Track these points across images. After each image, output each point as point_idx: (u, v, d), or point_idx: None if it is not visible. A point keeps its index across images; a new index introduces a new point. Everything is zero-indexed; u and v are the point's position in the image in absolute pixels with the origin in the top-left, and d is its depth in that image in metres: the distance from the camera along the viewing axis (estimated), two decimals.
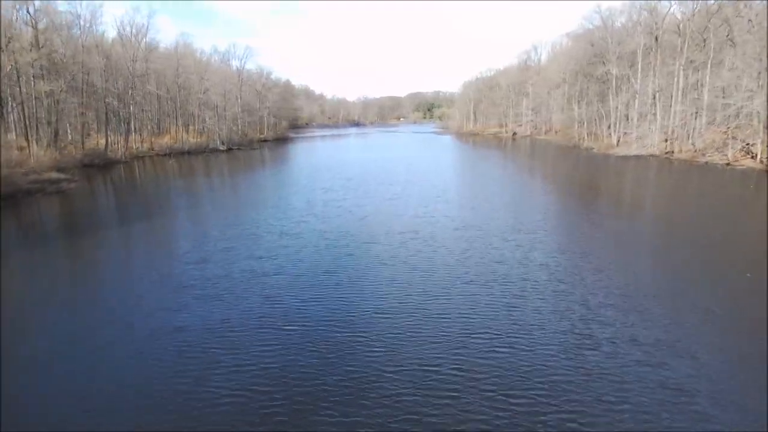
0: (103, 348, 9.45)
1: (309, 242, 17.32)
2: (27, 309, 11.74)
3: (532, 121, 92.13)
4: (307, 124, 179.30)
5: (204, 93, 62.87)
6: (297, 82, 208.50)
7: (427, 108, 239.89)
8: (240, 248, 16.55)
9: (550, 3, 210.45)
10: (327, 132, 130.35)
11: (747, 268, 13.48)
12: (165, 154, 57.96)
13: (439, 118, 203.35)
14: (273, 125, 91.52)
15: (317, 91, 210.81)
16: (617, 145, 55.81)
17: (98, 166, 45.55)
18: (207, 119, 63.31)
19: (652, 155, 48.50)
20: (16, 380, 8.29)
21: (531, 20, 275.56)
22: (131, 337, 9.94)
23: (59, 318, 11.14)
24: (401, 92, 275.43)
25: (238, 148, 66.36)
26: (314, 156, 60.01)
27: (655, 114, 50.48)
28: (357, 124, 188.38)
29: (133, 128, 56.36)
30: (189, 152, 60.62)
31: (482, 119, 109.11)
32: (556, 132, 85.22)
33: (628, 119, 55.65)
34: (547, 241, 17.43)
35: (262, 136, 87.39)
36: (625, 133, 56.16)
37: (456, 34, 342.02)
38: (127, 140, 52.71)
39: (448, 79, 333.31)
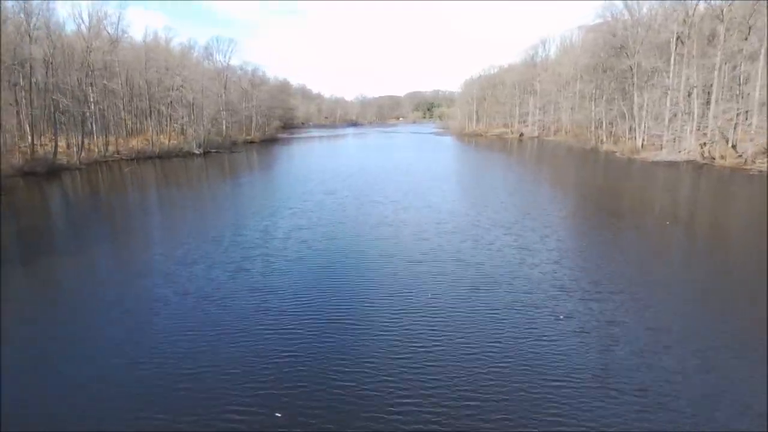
0: None
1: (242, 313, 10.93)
2: None
3: (540, 120, 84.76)
4: (303, 123, 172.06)
5: (176, 90, 55.49)
6: (295, 81, 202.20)
7: (427, 108, 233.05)
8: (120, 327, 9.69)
9: (551, 3, 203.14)
10: (322, 132, 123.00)
11: None
12: (131, 159, 50.74)
13: (439, 117, 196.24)
14: (262, 126, 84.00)
15: (315, 91, 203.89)
16: (642, 148, 48.54)
17: (40, 174, 38.25)
18: (181, 119, 55.91)
19: (688, 161, 41.18)
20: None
21: (531, 20, 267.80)
22: None
23: None
24: (400, 91, 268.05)
25: (217, 151, 59.07)
26: (298, 161, 52.73)
27: (690, 113, 43.17)
28: (355, 124, 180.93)
29: (93, 129, 49.09)
30: (160, 156, 53.35)
31: (485, 119, 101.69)
32: (566, 132, 77.95)
33: (656, 119, 48.34)
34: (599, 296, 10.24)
35: (249, 137, 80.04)
36: (653, 134, 48.88)
37: (455, 34, 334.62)
38: (82, 143, 45.36)
39: (447, 78, 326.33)
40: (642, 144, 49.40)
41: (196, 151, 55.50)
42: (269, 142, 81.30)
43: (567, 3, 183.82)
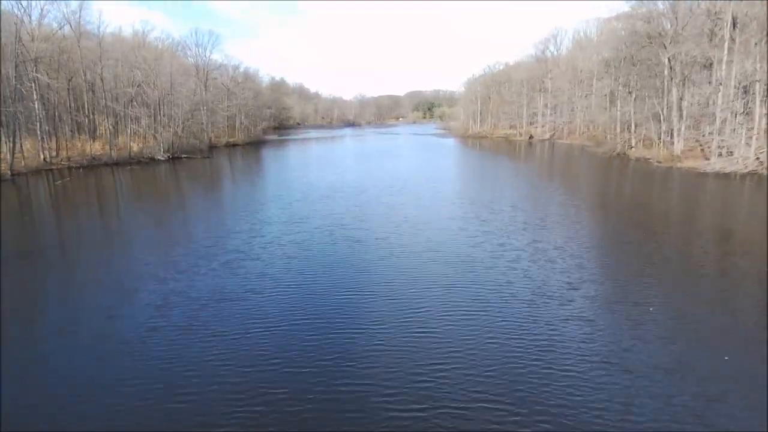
0: None
1: None
2: None
3: (552, 121, 76.56)
4: (299, 124, 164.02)
5: (137, 87, 47.37)
6: (292, 80, 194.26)
7: (427, 107, 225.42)
8: None
9: (551, 3, 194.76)
10: (317, 134, 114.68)
11: None
12: (81, 166, 42.74)
13: (440, 117, 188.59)
14: (247, 127, 75.81)
15: (313, 90, 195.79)
16: (683, 155, 40.42)
17: None
18: (145, 120, 47.80)
19: (748, 173, 33.08)
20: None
21: (532, 20, 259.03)
22: None
23: None
24: (400, 91, 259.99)
25: (188, 157, 51.00)
26: (274, 171, 44.69)
27: (748, 113, 35.07)
28: (352, 125, 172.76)
29: (41, 132, 41.11)
30: (117, 163, 45.32)
31: (490, 119, 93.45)
32: (580, 134, 69.79)
33: (699, 121, 40.22)
34: None
35: (232, 139, 71.96)
36: (696, 139, 40.77)
37: (456, 33, 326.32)
38: (13, 148, 37.34)
39: (448, 77, 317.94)
40: (682, 150, 41.32)
41: (160, 157, 47.41)
42: (254, 144, 73.17)
43: (568, 3, 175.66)
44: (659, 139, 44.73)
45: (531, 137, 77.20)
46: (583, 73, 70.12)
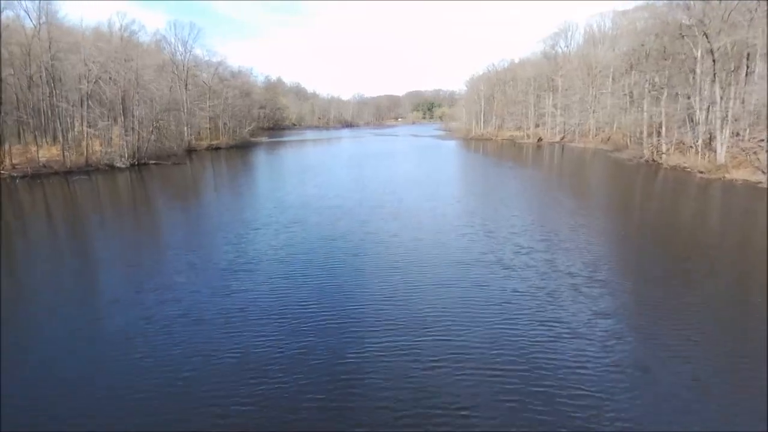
0: None
1: None
2: None
3: (562, 123, 70.03)
4: (294, 125, 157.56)
5: (93, 83, 40.79)
6: (288, 80, 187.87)
7: (427, 108, 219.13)
8: None
9: (553, 3, 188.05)
10: (312, 135, 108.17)
11: None
12: (25, 176, 36.22)
13: (440, 118, 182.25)
14: (231, 129, 69.23)
15: (310, 90, 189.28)
16: (729, 164, 33.98)
17: None
18: (102, 121, 41.21)
19: None
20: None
21: (533, 20, 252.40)
22: None
23: None
24: (399, 91, 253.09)
25: (156, 163, 44.54)
26: (250, 181, 38.28)
27: None
28: (350, 125, 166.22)
29: None
30: (70, 171, 38.79)
31: (495, 120, 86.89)
32: (594, 137, 63.37)
33: (744, 122, 33.81)
34: None
35: (215, 142, 65.43)
36: (742, 147, 34.33)
37: (456, 33, 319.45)
38: None
39: (448, 77, 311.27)
40: (726, 158, 34.89)
41: (120, 164, 40.89)
42: (240, 148, 66.61)
43: (570, 3, 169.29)
44: (695, 144, 38.29)
45: (540, 140, 70.70)
46: (598, 69, 63.63)
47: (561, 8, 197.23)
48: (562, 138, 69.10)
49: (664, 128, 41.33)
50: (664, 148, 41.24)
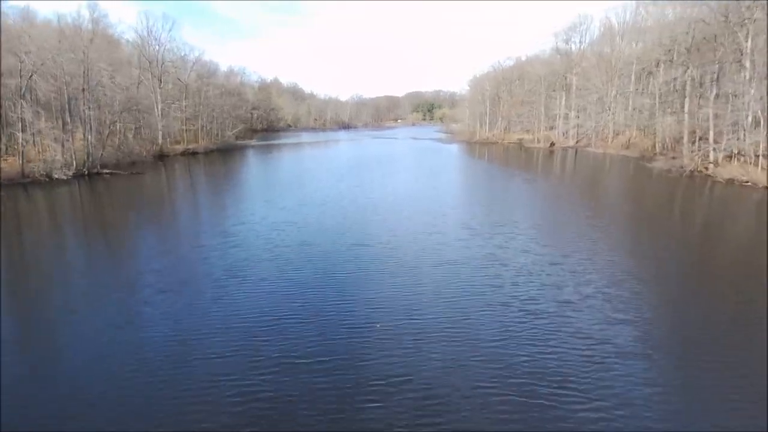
0: None
1: None
2: None
3: (577, 126, 62.92)
4: (290, 126, 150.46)
5: (29, 78, 33.67)
6: (285, 80, 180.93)
7: (427, 109, 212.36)
8: None
9: (556, 3, 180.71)
10: (306, 137, 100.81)
11: None
12: None
13: (441, 119, 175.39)
14: (210, 131, 62.11)
15: (307, 90, 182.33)
16: None
17: None
18: (39, 124, 34.11)
19: None
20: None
21: (536, 20, 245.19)
22: None
23: None
24: (399, 92, 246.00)
25: (111, 173, 37.49)
26: (214, 197, 31.28)
27: None
28: (347, 127, 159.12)
29: None
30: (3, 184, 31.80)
31: (501, 123, 79.80)
32: (612, 140, 56.39)
33: None
34: None
35: (192, 146, 58.30)
36: None
37: (457, 33, 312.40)
38: None
39: (449, 78, 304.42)
40: None
41: (61, 175, 33.80)
42: (222, 152, 59.57)
43: (575, 3, 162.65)
44: (748, 153, 31.31)
45: (552, 144, 63.54)
46: (618, 66, 56.58)
47: (562, 8, 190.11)
48: (577, 142, 62.03)
49: (712, 133, 34.29)
50: (712, 157, 34.22)
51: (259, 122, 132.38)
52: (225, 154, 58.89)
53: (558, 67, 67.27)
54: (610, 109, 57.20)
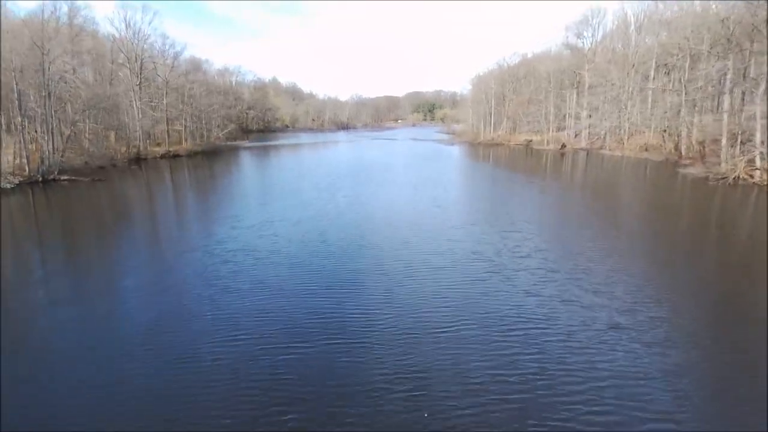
0: None
1: None
2: None
3: (591, 126, 58.09)
4: (287, 126, 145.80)
5: None
6: (284, 80, 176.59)
7: (428, 109, 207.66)
8: None
9: (559, 3, 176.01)
10: (302, 139, 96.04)
11: None
12: None
13: (442, 119, 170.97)
14: (194, 132, 57.32)
15: (306, 90, 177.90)
16: None
17: None
18: None
19: None
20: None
21: (539, 20, 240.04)
22: None
23: None
24: (399, 92, 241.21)
25: (69, 180, 32.78)
26: (178, 215, 26.57)
27: None
28: (346, 128, 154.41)
29: None
30: None
31: (506, 123, 75.01)
32: (628, 141, 51.66)
33: None
34: None
35: (174, 148, 53.60)
36: None
37: (457, 33, 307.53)
38: None
39: (449, 78, 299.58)
40: None
41: (5, 184, 29.06)
42: (206, 155, 54.83)
43: (574, 3, 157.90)
44: None
45: (563, 146, 58.66)
46: (638, 60, 51.78)
47: (563, 8, 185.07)
48: (591, 144, 57.20)
49: (759, 134, 29.44)
50: (759, 163, 29.39)
51: (255, 122, 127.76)
52: (210, 156, 54.14)
53: (569, 63, 62.47)
54: (626, 108, 52.39)
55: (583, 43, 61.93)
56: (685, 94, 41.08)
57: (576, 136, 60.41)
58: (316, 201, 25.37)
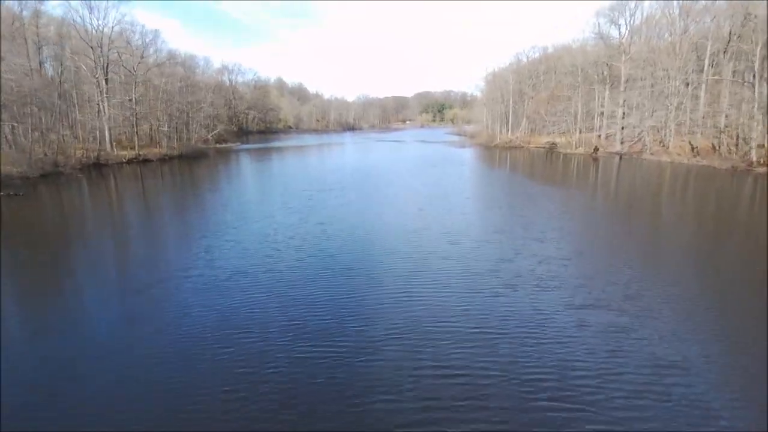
0: None
1: None
2: None
3: (629, 126, 49.45)
4: (290, 127, 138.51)
5: None
6: (290, 80, 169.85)
7: (438, 109, 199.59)
8: None
9: (562, 3, 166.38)
10: (303, 141, 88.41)
11: None
12: None
13: (452, 120, 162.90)
14: (169, 134, 49.74)
15: (312, 90, 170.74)
16: None
17: None
18: None
19: None
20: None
21: (546, 21, 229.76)
22: None
23: None
24: (407, 92, 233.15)
25: (9, 195, 25.33)
26: (107, 252, 18.94)
27: None
28: (353, 129, 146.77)
29: None
30: None
31: (526, 124, 66.58)
32: (665, 146, 43.05)
33: None
34: None
35: (146, 151, 46.10)
36: None
37: (467, 33, 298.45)
38: None
39: (460, 78, 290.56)
40: None
41: None
42: (184, 160, 47.30)
43: (578, 3, 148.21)
44: None
45: (596, 149, 50.05)
46: (684, 49, 43.16)
47: (563, 7, 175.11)
48: (629, 148, 48.57)
49: None
50: None
51: (255, 123, 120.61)
52: (190, 162, 46.56)
53: (599, 55, 53.92)
54: (673, 105, 43.76)
55: (618, 30, 53.26)
56: (750, 86, 32.56)
57: (609, 137, 51.83)
58: (298, 222, 17.50)
